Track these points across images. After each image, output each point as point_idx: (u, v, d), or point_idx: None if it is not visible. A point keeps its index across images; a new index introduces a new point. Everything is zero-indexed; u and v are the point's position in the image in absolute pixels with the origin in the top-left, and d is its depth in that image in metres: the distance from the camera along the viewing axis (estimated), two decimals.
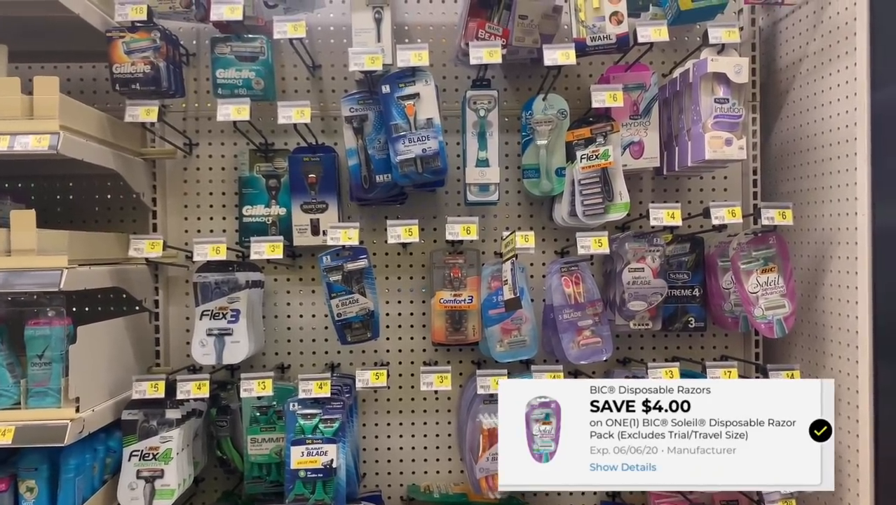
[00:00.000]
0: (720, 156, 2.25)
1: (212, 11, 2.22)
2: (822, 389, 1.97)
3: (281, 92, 2.67)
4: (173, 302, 2.68)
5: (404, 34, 2.71)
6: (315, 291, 2.69)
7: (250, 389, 2.26)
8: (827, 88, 2.34)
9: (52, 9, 2.04)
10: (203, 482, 2.67)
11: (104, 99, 2.60)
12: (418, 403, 2.74)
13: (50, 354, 2.00)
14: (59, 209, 2.68)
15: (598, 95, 2.27)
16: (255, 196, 2.58)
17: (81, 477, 2.07)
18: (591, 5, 2.24)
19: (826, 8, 2.32)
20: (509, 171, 2.71)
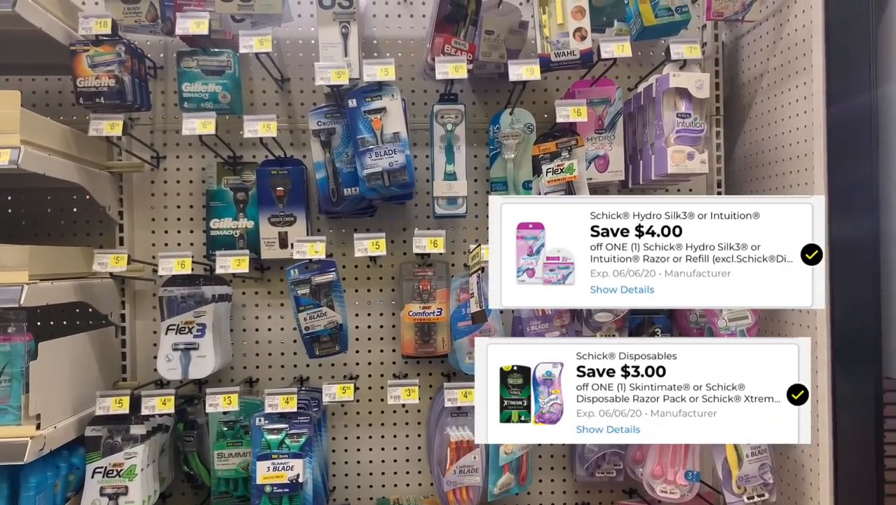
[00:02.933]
0: (682, 170, 2.29)
1: (177, 25, 2.22)
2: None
3: (249, 105, 2.67)
4: (140, 316, 2.65)
5: (373, 48, 2.73)
6: (283, 304, 2.69)
7: (216, 403, 2.24)
8: (787, 103, 2.39)
9: (14, 22, 2.02)
10: (170, 498, 2.65)
11: (70, 112, 2.58)
12: (388, 417, 2.74)
13: (10, 371, 1.97)
14: (24, 223, 2.65)
15: (563, 111, 2.29)
16: (222, 209, 2.57)
17: (42, 495, 2.04)
18: (555, 21, 2.27)
19: (784, 25, 2.38)
20: (478, 185, 2.73)
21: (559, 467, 2.78)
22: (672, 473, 2.43)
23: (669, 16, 2.33)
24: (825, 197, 2.14)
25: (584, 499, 2.79)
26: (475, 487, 2.36)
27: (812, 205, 1.93)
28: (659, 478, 2.44)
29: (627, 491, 2.76)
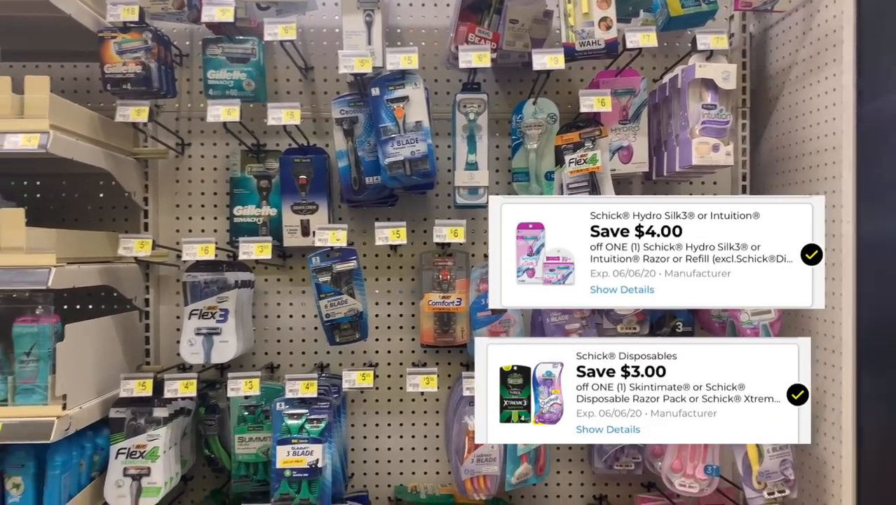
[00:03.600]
0: (707, 161, 2.26)
1: (203, 13, 2.24)
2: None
3: (273, 93, 2.69)
4: (164, 301, 2.69)
5: (396, 37, 2.72)
6: (305, 291, 2.71)
7: (237, 388, 2.27)
8: (815, 95, 2.35)
9: (44, 9, 2.05)
10: (191, 480, 2.69)
11: (97, 98, 2.61)
12: (406, 405, 2.76)
13: (37, 352, 2.01)
14: (52, 207, 2.70)
15: (587, 100, 2.28)
16: (246, 196, 2.60)
17: (68, 474, 2.08)
18: (580, 11, 2.25)
19: (815, 16, 2.34)
20: (499, 175, 2.72)
21: (577, 459, 2.78)
22: (691, 468, 2.41)
23: (696, 6, 2.31)
24: (853, 189, 2.12)
25: (601, 491, 2.78)
26: (493, 477, 2.37)
27: (812, 205, 1.93)
28: (678, 472, 2.43)
29: (646, 484, 2.75)
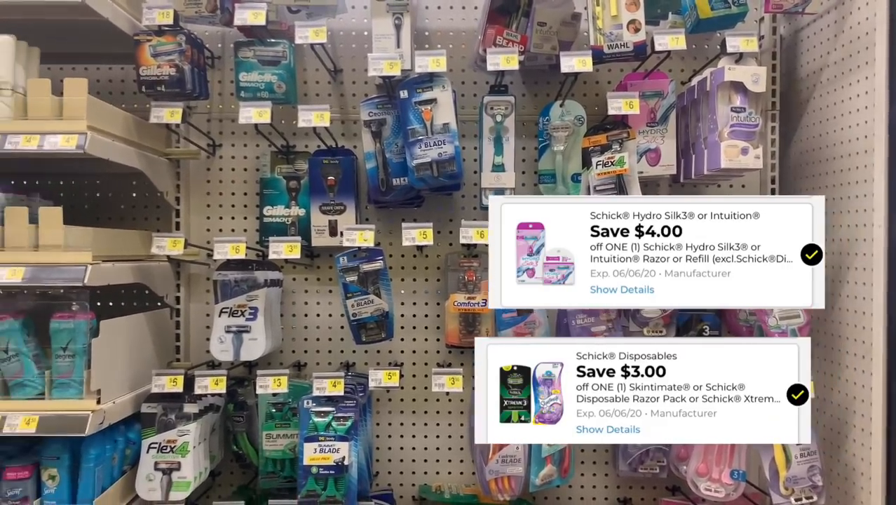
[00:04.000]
0: (736, 165, 2.25)
1: (236, 16, 2.28)
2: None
3: (303, 95, 2.72)
4: (194, 299, 2.74)
5: (424, 40, 2.75)
6: (332, 290, 2.74)
7: (266, 385, 2.30)
8: (847, 98, 2.32)
9: (83, 13, 2.10)
10: (219, 476, 2.73)
11: (131, 100, 2.67)
12: (431, 404, 2.77)
13: (73, 347, 2.07)
14: (87, 207, 2.76)
15: (615, 103, 2.28)
16: (275, 197, 2.63)
17: (101, 467, 2.13)
18: (608, 13, 2.26)
19: (847, 18, 2.31)
20: (525, 177, 2.73)
21: (601, 462, 2.78)
22: (717, 472, 2.40)
23: (726, 8, 2.29)
24: (885, 193, 2.09)
25: (626, 494, 2.78)
26: (517, 477, 2.37)
27: (812, 205, 1.92)
28: (704, 476, 2.42)
29: (671, 488, 2.74)
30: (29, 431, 1.97)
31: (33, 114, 2.05)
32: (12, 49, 2.07)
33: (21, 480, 2.07)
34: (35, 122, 2.03)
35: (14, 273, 1.97)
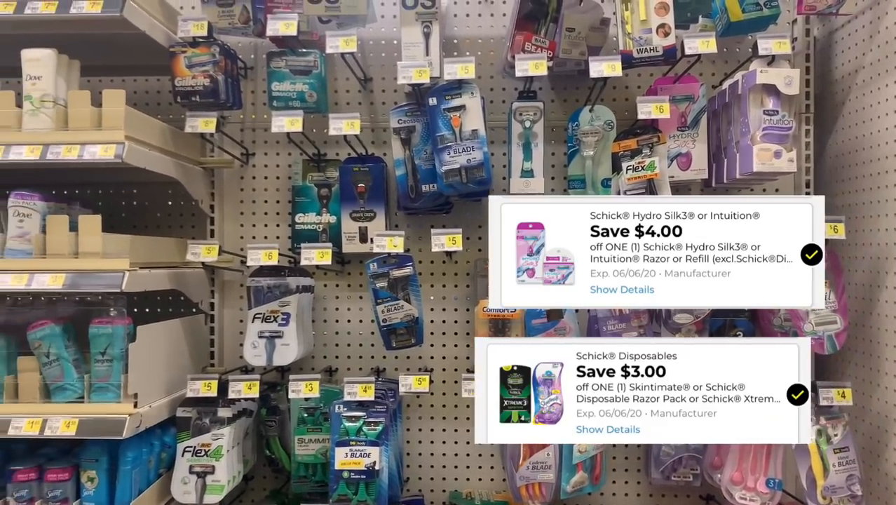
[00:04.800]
0: (769, 168, 2.22)
1: (268, 27, 2.32)
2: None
3: (333, 104, 2.76)
4: (228, 305, 2.78)
5: (453, 47, 2.77)
6: (362, 297, 2.76)
7: (298, 390, 2.33)
8: (883, 100, 2.28)
9: (121, 26, 2.17)
10: (252, 480, 2.77)
11: (166, 110, 2.73)
12: (461, 410, 2.78)
13: (111, 352, 2.12)
14: (124, 215, 2.83)
15: (645, 107, 2.27)
16: (307, 204, 2.67)
17: (138, 470, 2.18)
18: (637, 18, 2.25)
19: (882, 18, 2.27)
20: (554, 182, 2.73)
21: (633, 469, 2.75)
22: (752, 480, 2.36)
23: (758, 10, 2.27)
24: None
25: (658, 502, 2.75)
26: (548, 484, 2.36)
27: (812, 205, 1.89)
28: (738, 484, 2.38)
29: (704, 497, 2.70)
30: (69, 433, 2.02)
31: (74, 125, 2.11)
32: (54, 62, 2.14)
33: (62, 481, 2.12)
34: (75, 133, 2.10)
35: (55, 279, 2.03)
